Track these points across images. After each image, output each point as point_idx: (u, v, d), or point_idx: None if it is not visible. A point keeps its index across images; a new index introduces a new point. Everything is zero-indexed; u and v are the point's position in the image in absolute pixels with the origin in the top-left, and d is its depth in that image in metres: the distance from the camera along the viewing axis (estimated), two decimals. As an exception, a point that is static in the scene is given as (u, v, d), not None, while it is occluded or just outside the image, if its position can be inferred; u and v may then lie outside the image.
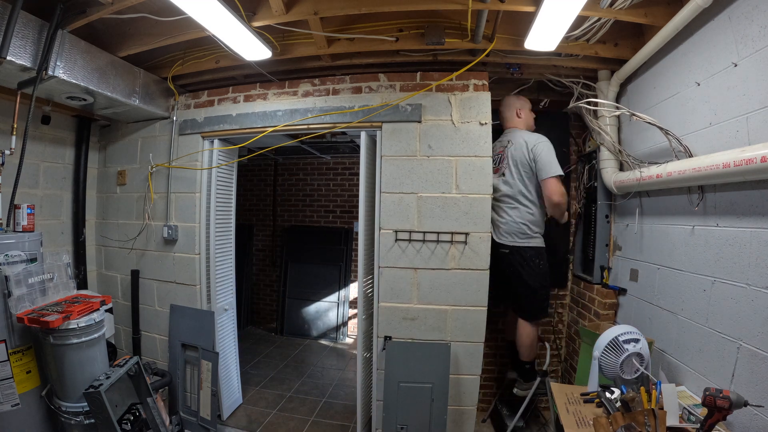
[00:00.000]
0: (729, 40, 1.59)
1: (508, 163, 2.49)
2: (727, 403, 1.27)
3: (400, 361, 2.41)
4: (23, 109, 2.13)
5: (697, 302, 1.75)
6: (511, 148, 2.50)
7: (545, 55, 2.30)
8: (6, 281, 1.88)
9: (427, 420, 2.35)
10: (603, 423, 1.49)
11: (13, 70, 1.98)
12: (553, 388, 1.95)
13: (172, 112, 2.92)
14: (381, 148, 2.50)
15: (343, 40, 2.30)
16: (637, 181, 2.09)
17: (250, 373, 3.76)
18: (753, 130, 1.47)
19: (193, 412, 2.80)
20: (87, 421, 1.96)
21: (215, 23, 1.93)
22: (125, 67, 2.51)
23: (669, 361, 1.93)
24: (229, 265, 3.06)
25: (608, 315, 2.52)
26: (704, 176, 1.60)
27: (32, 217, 2.22)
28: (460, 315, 2.42)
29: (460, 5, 1.87)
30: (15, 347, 1.96)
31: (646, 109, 2.15)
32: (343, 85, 2.60)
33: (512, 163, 2.48)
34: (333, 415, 3.12)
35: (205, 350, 2.75)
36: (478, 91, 2.43)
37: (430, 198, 2.43)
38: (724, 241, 1.60)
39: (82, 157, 3.03)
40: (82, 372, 1.97)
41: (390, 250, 2.47)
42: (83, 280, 3.02)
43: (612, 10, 1.90)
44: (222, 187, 2.96)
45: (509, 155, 2.49)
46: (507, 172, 2.50)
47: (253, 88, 2.76)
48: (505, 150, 2.53)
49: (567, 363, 3.04)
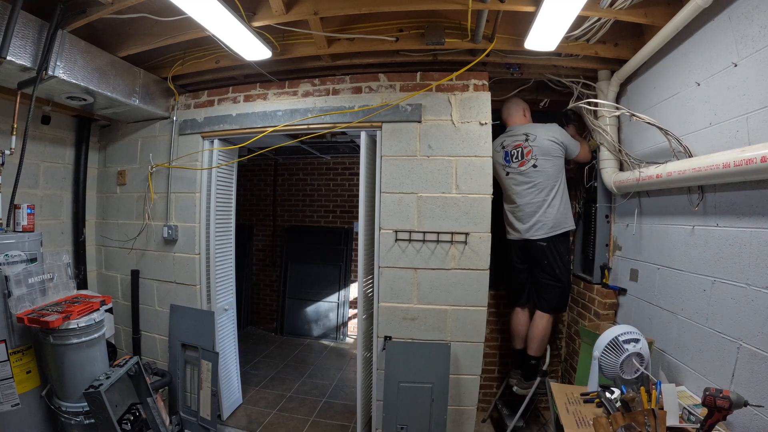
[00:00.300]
0: (729, 40, 1.59)
1: (536, 155, 2.54)
2: (727, 403, 1.27)
3: (400, 361, 2.41)
4: (23, 109, 2.13)
5: (697, 302, 1.75)
6: (534, 140, 2.56)
7: (545, 55, 2.30)
8: (6, 281, 1.88)
9: (427, 420, 2.35)
10: (603, 423, 1.49)
11: (13, 70, 1.98)
12: (553, 388, 1.95)
13: (172, 112, 2.92)
14: (381, 148, 2.50)
15: (343, 40, 2.30)
16: (637, 181, 2.09)
17: (250, 373, 3.76)
18: (753, 130, 1.47)
19: (193, 412, 2.80)
20: (87, 421, 1.96)
21: (215, 23, 1.93)
22: (125, 67, 2.51)
23: (669, 361, 1.93)
24: (229, 265, 3.06)
25: (608, 315, 2.52)
26: (704, 176, 1.59)
27: (32, 217, 2.22)
28: (460, 315, 2.42)
29: (460, 5, 1.87)
30: (15, 347, 1.96)
31: (646, 109, 2.15)
32: (343, 85, 2.60)
33: (541, 153, 2.54)
34: (333, 415, 3.12)
35: (205, 350, 2.75)
36: (478, 91, 2.43)
37: (430, 198, 2.43)
38: (724, 241, 1.60)
39: (82, 157, 3.03)
40: (82, 372, 1.97)
41: (390, 250, 2.47)
42: (83, 280, 3.02)
43: (612, 10, 1.90)
44: (222, 187, 2.96)
45: (535, 147, 2.55)
46: (539, 162, 2.54)
47: (253, 88, 2.76)
48: (526, 143, 2.58)
49: (567, 363, 3.04)
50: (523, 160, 2.58)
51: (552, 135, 2.56)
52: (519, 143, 2.60)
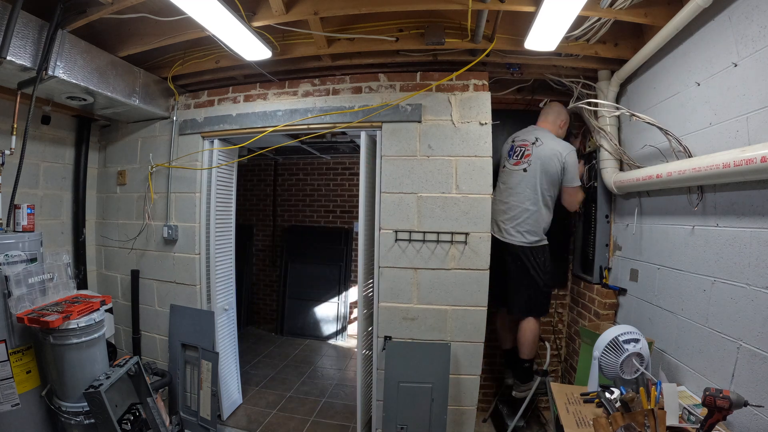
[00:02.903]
0: (729, 40, 1.59)
1: (532, 161, 2.51)
2: (727, 403, 1.27)
3: (400, 361, 2.41)
4: (23, 109, 2.13)
5: (697, 302, 1.75)
6: (540, 147, 2.52)
7: (545, 55, 2.30)
8: (6, 281, 1.88)
9: (427, 420, 2.35)
10: (603, 423, 1.49)
11: (13, 70, 1.98)
12: (553, 388, 1.95)
13: (172, 112, 2.92)
14: (381, 148, 2.50)
15: (343, 40, 2.30)
16: (637, 181, 2.09)
17: (250, 373, 3.76)
18: (753, 130, 1.46)
19: (193, 412, 2.80)
20: (87, 421, 1.96)
21: (215, 23, 1.93)
22: (125, 67, 2.51)
23: (669, 361, 1.93)
24: (229, 265, 3.06)
25: (608, 315, 2.52)
26: (704, 176, 1.59)
27: (32, 217, 2.22)
28: (460, 315, 2.42)
29: (460, 5, 1.87)
30: (15, 347, 1.96)
31: (646, 109, 2.15)
32: (343, 85, 2.60)
33: (538, 162, 2.50)
34: (333, 415, 3.12)
35: (205, 350, 2.75)
36: (478, 91, 2.43)
37: (430, 198, 2.43)
38: (724, 241, 1.60)
39: (82, 157, 3.03)
40: (82, 372, 1.97)
41: (390, 250, 2.47)
42: (83, 280, 3.02)
43: (612, 10, 1.90)
44: (222, 187, 2.96)
45: (535, 153, 2.51)
46: (530, 168, 2.51)
47: (253, 88, 2.76)
48: (531, 147, 2.55)
49: (567, 363, 3.04)
50: (518, 161, 2.56)
51: (559, 151, 2.48)
52: (526, 143, 2.58)
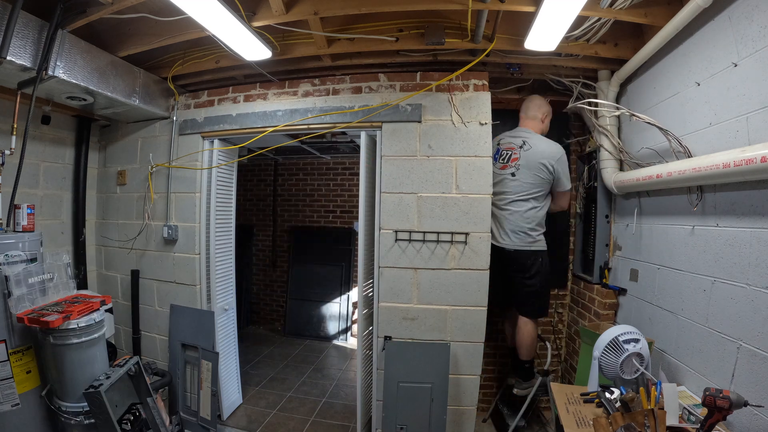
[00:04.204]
0: (729, 40, 1.59)
1: (520, 165, 2.48)
2: (727, 403, 1.27)
3: (400, 361, 2.41)
4: (23, 109, 2.13)
5: (697, 302, 1.75)
6: (527, 150, 2.49)
7: (545, 55, 2.30)
8: (6, 281, 1.88)
9: (426, 420, 2.35)
10: (603, 423, 1.49)
11: (13, 70, 1.98)
12: (553, 388, 1.95)
13: (172, 112, 2.92)
14: (381, 148, 2.50)
15: (343, 40, 2.30)
16: (637, 180, 2.09)
17: (250, 373, 3.76)
18: (753, 130, 1.47)
19: (193, 412, 2.80)
20: (87, 421, 1.96)
21: (215, 23, 1.93)
22: (125, 67, 2.51)
23: (669, 361, 1.93)
24: (229, 265, 3.06)
25: (608, 315, 2.52)
26: (704, 176, 1.59)
27: (32, 217, 2.22)
28: (460, 315, 2.42)
29: (460, 5, 1.87)
30: (15, 347, 1.96)
31: (646, 109, 2.15)
32: (343, 85, 2.60)
33: (526, 166, 2.47)
34: (333, 415, 3.12)
35: (205, 350, 2.75)
36: (478, 91, 2.43)
37: (430, 198, 2.43)
38: (724, 241, 1.60)
39: (82, 157, 3.03)
40: (82, 372, 1.97)
41: (390, 250, 2.47)
42: (83, 280, 3.02)
43: (612, 10, 1.90)
44: (222, 187, 2.96)
45: (523, 157, 2.49)
46: (518, 173, 2.49)
47: (253, 88, 2.76)
48: (518, 150, 2.51)
49: (567, 363, 3.04)
50: (505, 164, 2.54)
51: (548, 158, 2.45)
52: (512, 147, 2.55)
